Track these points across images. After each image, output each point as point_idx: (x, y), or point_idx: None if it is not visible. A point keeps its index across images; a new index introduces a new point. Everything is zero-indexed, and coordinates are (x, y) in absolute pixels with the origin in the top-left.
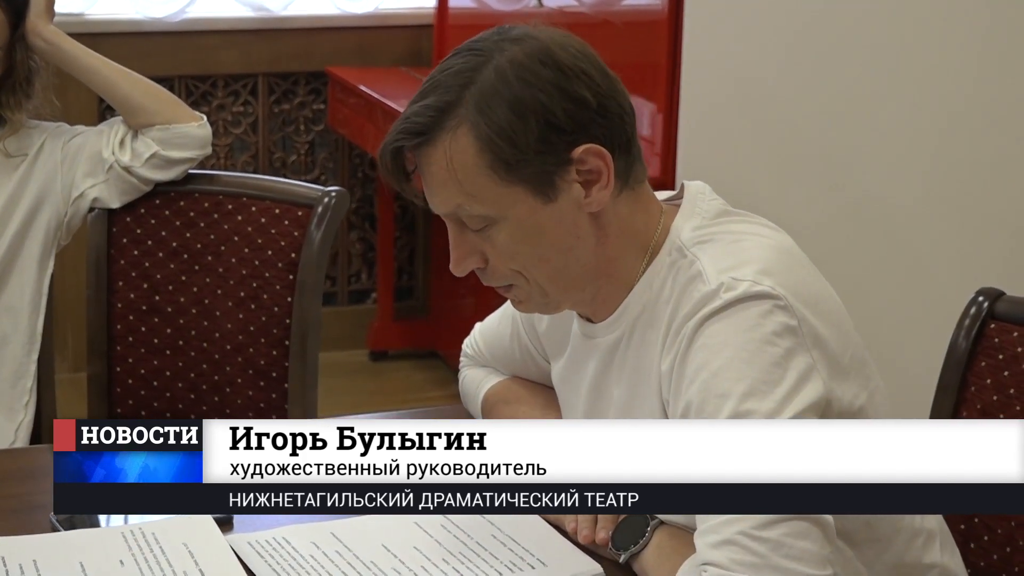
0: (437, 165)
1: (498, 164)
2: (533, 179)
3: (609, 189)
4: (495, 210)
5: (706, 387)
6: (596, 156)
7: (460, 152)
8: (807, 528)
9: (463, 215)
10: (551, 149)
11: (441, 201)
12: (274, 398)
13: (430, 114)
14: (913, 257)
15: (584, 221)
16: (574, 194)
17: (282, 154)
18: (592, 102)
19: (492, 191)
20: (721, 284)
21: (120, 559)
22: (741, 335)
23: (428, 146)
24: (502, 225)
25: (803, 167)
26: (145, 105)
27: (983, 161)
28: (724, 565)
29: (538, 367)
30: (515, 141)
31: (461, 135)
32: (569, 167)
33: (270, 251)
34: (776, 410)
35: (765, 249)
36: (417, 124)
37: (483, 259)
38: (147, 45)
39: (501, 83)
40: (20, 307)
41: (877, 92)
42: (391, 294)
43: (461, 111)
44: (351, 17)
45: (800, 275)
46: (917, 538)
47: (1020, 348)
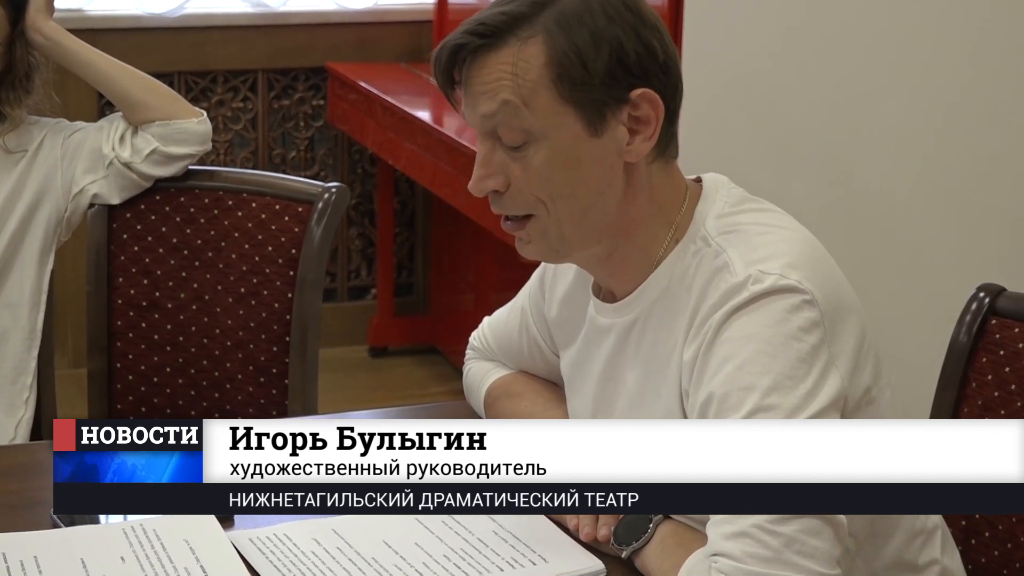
0: (498, 67)
1: (563, 80)
2: (588, 106)
3: (651, 143)
4: (541, 126)
5: (730, 379)
6: (650, 104)
7: (528, 59)
8: (820, 526)
9: (504, 126)
10: (615, 83)
11: (487, 101)
12: (274, 394)
13: (504, 20)
14: (914, 253)
15: (619, 170)
16: (619, 136)
17: (282, 150)
18: (660, 56)
19: (546, 105)
20: (749, 276)
21: (121, 555)
22: (768, 329)
23: (493, 51)
24: (542, 144)
25: (803, 162)
26: (145, 101)
27: (984, 156)
28: (736, 557)
29: (545, 361)
30: (585, 63)
31: (533, 44)
32: (624, 106)
33: (270, 247)
34: (799, 406)
35: (791, 242)
36: (488, 27)
37: (506, 182)
38: (146, 41)
39: (585, 10)
40: (20, 303)
41: (877, 87)
42: (391, 290)
43: (538, 24)
44: (351, 12)
45: (824, 270)
46: (917, 536)
47: (1021, 344)
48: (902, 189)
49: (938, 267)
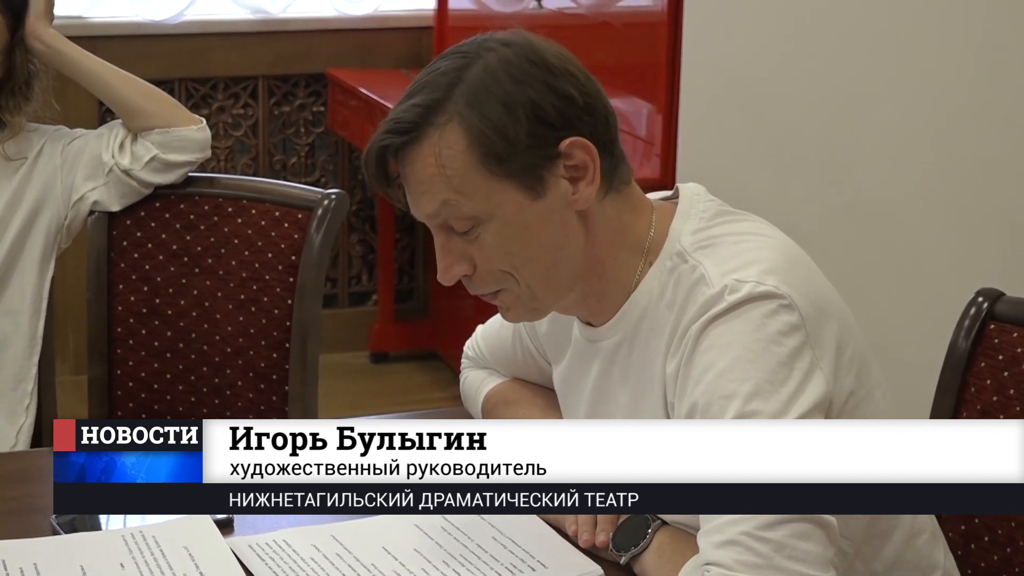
0: (424, 163)
1: (488, 158)
2: (522, 173)
3: (595, 185)
4: (484, 208)
5: (712, 388)
6: (583, 150)
7: (449, 147)
8: (811, 530)
9: (450, 216)
10: (540, 142)
11: (427, 202)
12: (274, 400)
13: (418, 112)
14: (912, 257)
15: (572, 219)
16: (561, 190)
17: (282, 156)
18: (579, 100)
19: (481, 187)
20: (725, 286)
21: (121, 562)
22: (746, 335)
23: (415, 145)
24: (490, 224)
25: (802, 167)
26: (144, 108)
27: (983, 160)
28: (727, 565)
29: (539, 368)
30: (505, 134)
31: (450, 131)
32: (557, 161)
33: (270, 254)
34: (781, 410)
35: (767, 249)
36: (404, 123)
37: (471, 266)
38: (147, 47)
39: (491, 80)
40: (20, 310)
41: (876, 91)
42: (392, 296)
43: (450, 107)
44: (351, 19)
45: (802, 273)
46: (918, 536)
47: (1020, 349)
48: (901, 193)
49: (937, 272)
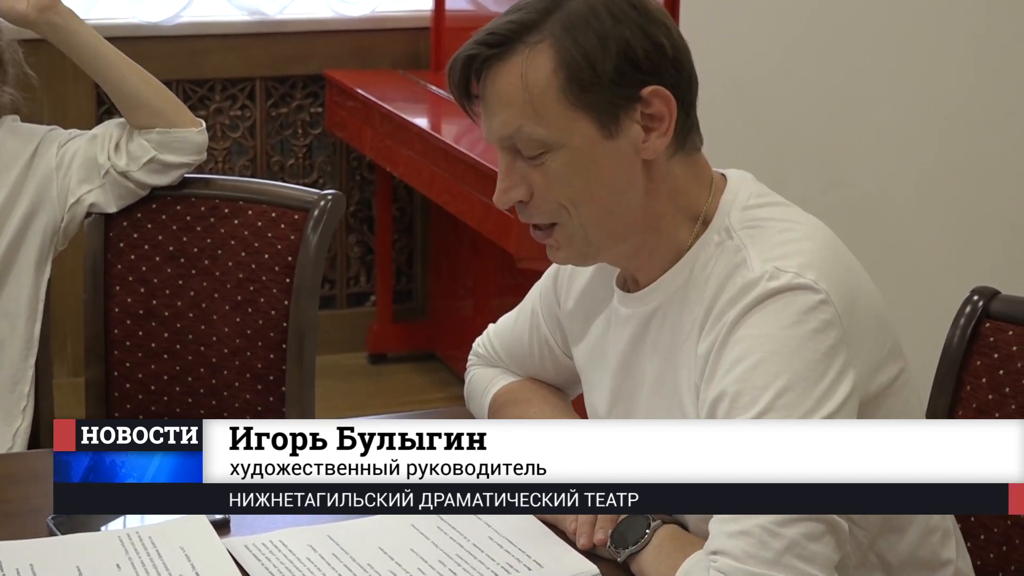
0: (508, 80)
1: (571, 85)
2: (600, 108)
3: (667, 138)
4: (556, 135)
5: (744, 378)
6: (662, 100)
7: (536, 68)
8: (822, 531)
9: (521, 139)
10: (624, 81)
11: (502, 121)
12: (271, 401)
13: (512, 28)
14: (908, 256)
15: (638, 168)
16: (633, 135)
17: (280, 158)
18: (669, 51)
19: (558, 113)
20: (765, 273)
21: (117, 563)
22: (784, 330)
23: (502, 61)
24: (559, 152)
25: (799, 166)
26: (152, 104)
27: (979, 160)
28: (736, 556)
29: (555, 363)
30: (593, 64)
31: (540, 51)
32: (636, 105)
33: (267, 255)
34: (813, 408)
35: (810, 241)
36: (497, 36)
37: (529, 192)
38: (144, 49)
39: (590, 12)
40: (17, 312)
41: (873, 91)
42: (390, 297)
43: (546, 29)
44: (348, 20)
45: (842, 270)
46: (933, 534)
47: (1015, 347)
48: (897, 193)
49: (932, 270)
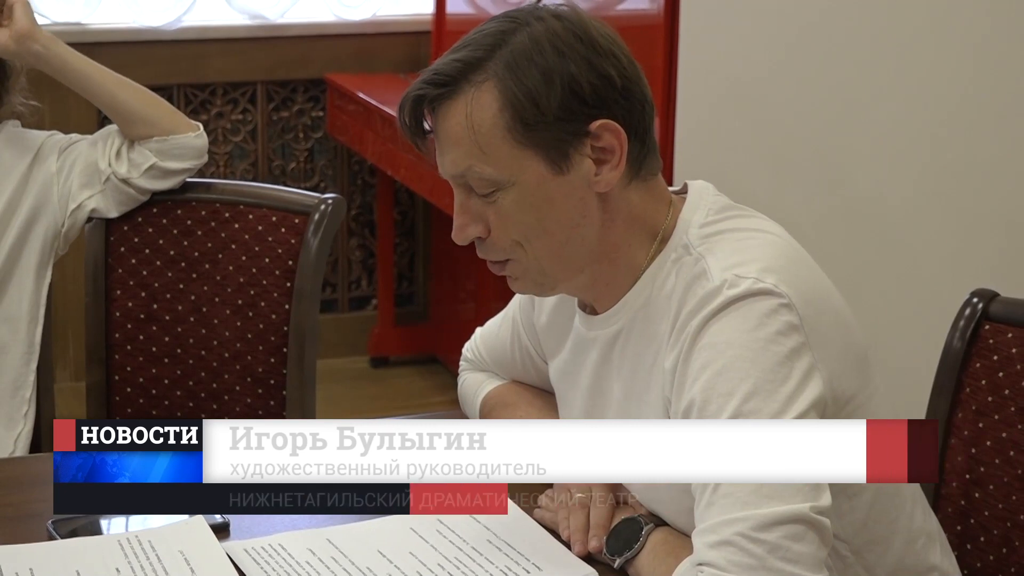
0: (455, 120)
1: (517, 124)
2: (548, 145)
3: (620, 171)
4: (506, 173)
5: (710, 386)
6: (612, 133)
7: (482, 108)
8: (803, 531)
9: (472, 178)
10: (571, 117)
11: (452, 160)
12: (272, 405)
13: (457, 67)
14: (908, 258)
15: (592, 201)
16: (585, 169)
17: (281, 162)
18: (617, 82)
19: (506, 152)
20: (724, 281)
21: (116, 567)
22: (746, 334)
23: (449, 99)
24: (510, 190)
25: (799, 168)
26: (144, 116)
27: (978, 161)
28: (721, 566)
29: (537, 370)
30: (537, 102)
31: (485, 90)
32: (584, 140)
33: (267, 259)
34: (780, 410)
35: (769, 247)
36: (442, 76)
37: (486, 228)
38: (146, 53)
39: (535, 48)
40: (18, 317)
41: (872, 93)
42: (391, 300)
43: (490, 68)
44: (349, 24)
45: (803, 273)
46: (917, 540)
47: (1015, 349)
48: (896, 195)
49: (932, 272)
